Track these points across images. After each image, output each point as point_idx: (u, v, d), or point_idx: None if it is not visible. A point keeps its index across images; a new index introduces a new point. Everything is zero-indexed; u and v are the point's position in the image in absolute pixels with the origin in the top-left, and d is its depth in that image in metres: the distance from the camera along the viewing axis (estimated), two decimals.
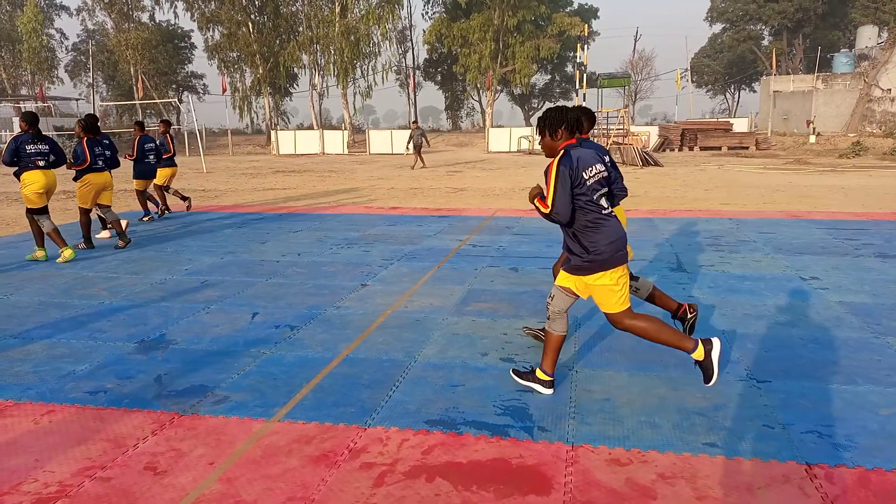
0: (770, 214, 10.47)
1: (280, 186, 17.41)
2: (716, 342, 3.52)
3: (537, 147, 33.90)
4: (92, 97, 51.03)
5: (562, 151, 3.43)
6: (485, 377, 3.94)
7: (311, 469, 2.92)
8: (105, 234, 9.43)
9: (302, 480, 2.82)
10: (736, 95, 60.82)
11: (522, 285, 6.15)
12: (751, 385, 3.75)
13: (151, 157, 10.82)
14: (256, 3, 42.16)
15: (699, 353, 3.51)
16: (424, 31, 44.90)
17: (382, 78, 43.24)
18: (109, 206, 8.53)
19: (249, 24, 41.44)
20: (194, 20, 43.62)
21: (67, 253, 7.55)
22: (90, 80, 52.59)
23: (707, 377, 3.55)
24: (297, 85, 51.14)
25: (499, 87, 48.22)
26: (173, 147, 11.36)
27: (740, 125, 35.53)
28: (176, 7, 45.26)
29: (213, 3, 42.73)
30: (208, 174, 22.03)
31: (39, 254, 7.66)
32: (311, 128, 43.26)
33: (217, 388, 3.84)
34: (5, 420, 3.46)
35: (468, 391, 3.73)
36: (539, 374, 3.67)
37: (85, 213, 8.33)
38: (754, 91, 57.47)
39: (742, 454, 2.98)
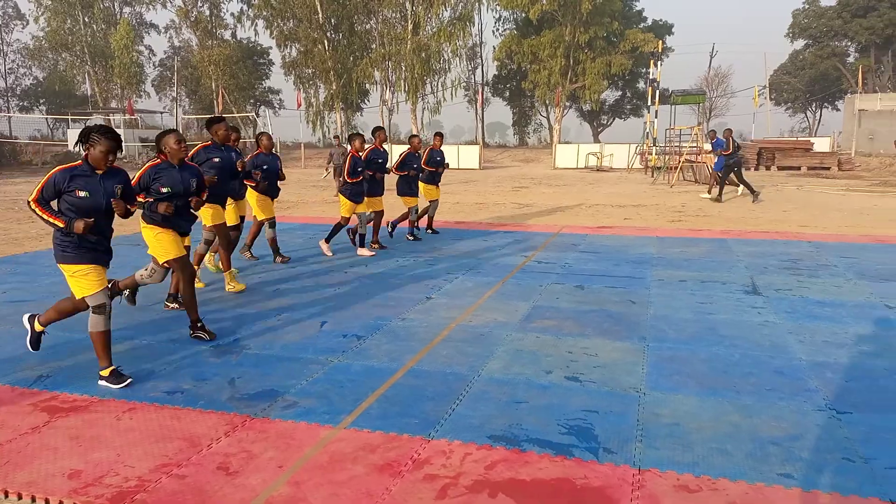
0: (853, 238, 9.98)
1: None
2: None
3: (606, 163, 33.45)
4: (175, 110, 53.68)
5: None
6: (549, 395, 3.90)
7: (376, 477, 2.96)
8: (365, 251, 8.74)
9: (367, 488, 2.87)
10: (818, 114, 58.24)
11: (588, 303, 6.07)
12: (830, 416, 3.58)
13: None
14: (332, 21, 43.42)
15: None
16: (494, 48, 45.09)
17: (451, 94, 43.77)
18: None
19: (325, 41, 42.67)
20: (273, 38, 45.37)
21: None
22: (174, 95, 55.33)
23: None
24: (368, 101, 52.24)
25: (568, 104, 47.86)
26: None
27: (821, 144, 34.00)
28: (256, 25, 47.22)
29: (291, 21, 44.27)
30: (281, 185, 22.70)
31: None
32: None
33: (287, 393, 3.95)
34: (91, 415, 3.66)
35: (532, 408, 3.71)
36: None
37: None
38: (837, 110, 54.86)
39: (820, 487, 2.85)
